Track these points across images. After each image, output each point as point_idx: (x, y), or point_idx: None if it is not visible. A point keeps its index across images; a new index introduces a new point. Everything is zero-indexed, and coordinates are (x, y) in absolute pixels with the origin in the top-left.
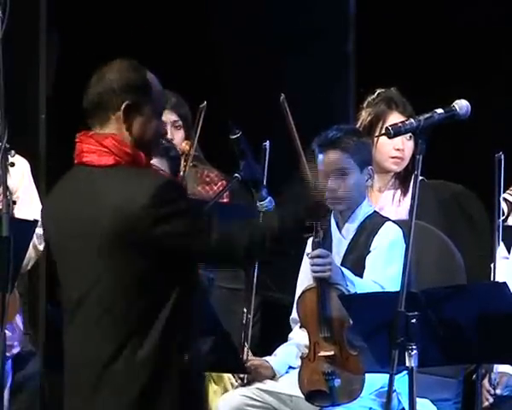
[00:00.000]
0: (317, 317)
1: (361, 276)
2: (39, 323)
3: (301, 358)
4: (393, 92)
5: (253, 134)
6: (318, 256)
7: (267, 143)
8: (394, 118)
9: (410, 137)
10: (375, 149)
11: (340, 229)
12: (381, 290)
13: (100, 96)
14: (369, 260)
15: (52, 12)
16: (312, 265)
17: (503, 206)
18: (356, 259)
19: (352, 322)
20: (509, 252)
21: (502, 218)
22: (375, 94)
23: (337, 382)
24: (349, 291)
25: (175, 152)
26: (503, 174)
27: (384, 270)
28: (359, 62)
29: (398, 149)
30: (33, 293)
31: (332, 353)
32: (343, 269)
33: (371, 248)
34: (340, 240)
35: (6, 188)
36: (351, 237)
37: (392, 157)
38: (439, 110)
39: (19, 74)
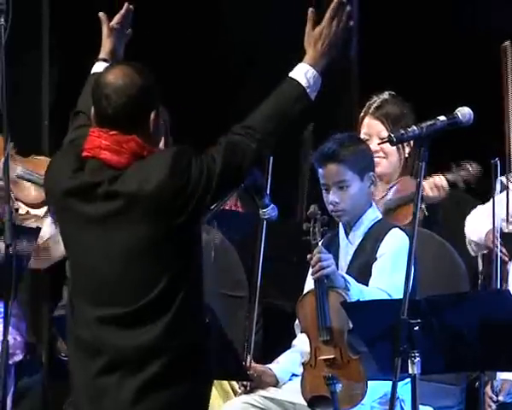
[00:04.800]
0: (317, 320)
1: (367, 282)
2: (42, 330)
3: (303, 364)
4: (378, 97)
5: None
6: (318, 256)
7: None
8: (367, 122)
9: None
10: None
11: (347, 235)
12: (386, 298)
13: (123, 108)
14: (375, 267)
15: (54, 19)
16: (313, 265)
17: (498, 187)
18: (362, 265)
19: (352, 327)
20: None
21: None
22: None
23: (338, 386)
24: (348, 294)
25: None
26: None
27: (391, 277)
28: (362, 69)
29: (375, 151)
30: (37, 301)
31: (332, 356)
32: (343, 274)
33: (377, 255)
34: (347, 246)
35: (9, 196)
36: (357, 242)
37: None
38: (442, 117)
39: (22, 81)
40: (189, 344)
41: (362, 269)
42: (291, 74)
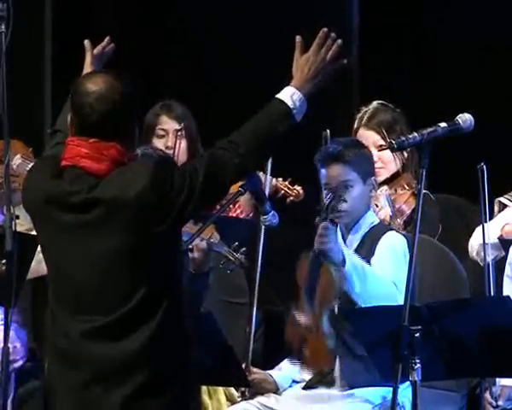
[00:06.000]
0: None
1: None
2: (44, 337)
3: None
4: (367, 108)
5: None
6: (321, 232)
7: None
8: (361, 134)
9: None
10: None
11: (344, 240)
12: (385, 281)
13: (108, 115)
14: (372, 262)
15: (57, 26)
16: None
17: (496, 208)
18: None
19: (353, 331)
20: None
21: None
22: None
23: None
24: (342, 270)
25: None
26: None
27: (386, 269)
28: (362, 75)
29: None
30: (37, 307)
31: (308, 323)
32: (344, 249)
33: (373, 255)
34: None
35: (10, 202)
36: (355, 246)
37: None
38: (443, 124)
39: (24, 89)
40: (172, 353)
41: None
42: (278, 96)
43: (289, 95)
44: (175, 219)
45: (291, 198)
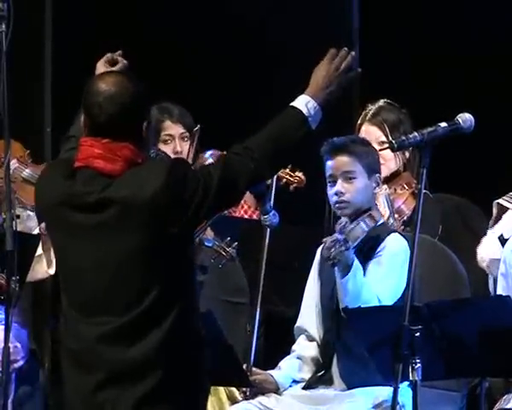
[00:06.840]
0: None
1: None
2: (44, 337)
3: None
4: (373, 105)
5: None
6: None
7: None
8: (364, 129)
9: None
10: None
11: None
12: (379, 303)
13: (117, 116)
14: (370, 268)
15: (57, 26)
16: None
17: (494, 210)
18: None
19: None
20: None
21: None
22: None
23: None
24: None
25: None
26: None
27: (383, 282)
28: (363, 77)
29: None
30: (38, 307)
31: None
32: (355, 262)
33: (374, 257)
34: None
35: (10, 202)
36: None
37: None
38: (443, 124)
39: (24, 87)
40: (185, 356)
41: None
42: (292, 104)
43: (304, 103)
44: (189, 220)
45: (294, 185)
